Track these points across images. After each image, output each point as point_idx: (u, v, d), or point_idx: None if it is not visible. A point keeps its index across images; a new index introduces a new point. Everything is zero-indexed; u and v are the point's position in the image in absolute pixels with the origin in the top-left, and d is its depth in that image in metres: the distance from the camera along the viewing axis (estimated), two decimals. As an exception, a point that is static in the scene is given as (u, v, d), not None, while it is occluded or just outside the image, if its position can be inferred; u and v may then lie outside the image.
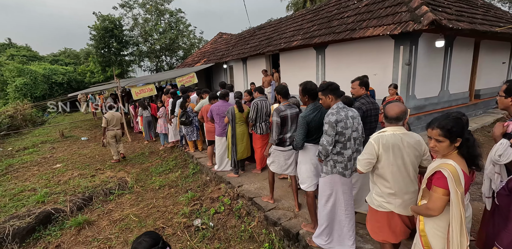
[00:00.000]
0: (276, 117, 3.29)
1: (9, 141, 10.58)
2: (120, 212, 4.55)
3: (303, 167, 2.99)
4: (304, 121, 2.73)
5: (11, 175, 6.49)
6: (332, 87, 2.46)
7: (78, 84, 21.91)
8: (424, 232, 1.77)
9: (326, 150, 2.39)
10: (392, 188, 2.00)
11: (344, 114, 2.39)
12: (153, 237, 1.65)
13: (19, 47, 35.45)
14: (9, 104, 16.39)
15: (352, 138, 2.43)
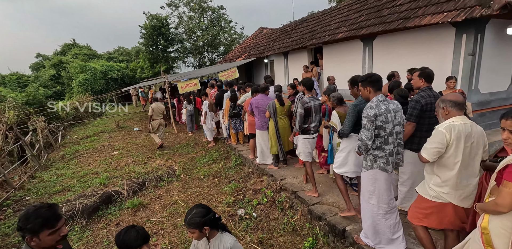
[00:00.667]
0: (300, 109, 3.57)
1: (74, 129, 11.99)
2: (169, 198, 4.90)
3: (343, 154, 3.05)
4: (355, 110, 2.74)
5: (77, 159, 7.37)
6: (372, 79, 2.37)
7: (130, 80, 23.81)
8: (487, 230, 1.64)
9: (366, 145, 2.33)
10: (455, 179, 1.95)
11: (384, 107, 2.29)
12: (205, 208, 1.80)
13: (81, 47, 39.46)
14: (73, 98, 18.49)
15: (394, 132, 2.34)
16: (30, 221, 1.51)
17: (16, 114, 8.49)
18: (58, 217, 1.56)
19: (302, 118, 3.62)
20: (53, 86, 22.32)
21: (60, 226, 1.56)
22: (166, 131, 9.90)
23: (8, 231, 4.18)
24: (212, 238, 1.82)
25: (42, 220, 1.49)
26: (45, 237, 1.50)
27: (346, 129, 2.81)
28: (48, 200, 5.04)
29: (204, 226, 1.71)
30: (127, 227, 1.77)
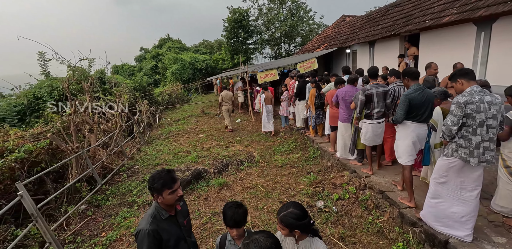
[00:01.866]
0: (361, 96, 3.86)
1: (168, 113, 13.81)
2: (249, 181, 5.20)
3: (401, 142, 3.27)
4: (405, 99, 3.05)
5: (171, 138, 8.49)
6: (461, 72, 2.44)
7: (213, 70, 25.86)
8: None
9: (449, 130, 2.37)
10: None
11: (478, 97, 2.30)
12: (302, 210, 1.66)
13: (174, 41, 44.51)
14: (166, 85, 21.21)
15: (486, 124, 2.29)
16: (155, 182, 1.81)
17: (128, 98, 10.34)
18: (174, 180, 1.84)
19: (363, 104, 3.91)
20: (152, 75, 26.01)
21: (176, 187, 1.83)
22: (244, 119, 10.46)
23: (124, 191, 5.17)
24: (301, 240, 1.75)
25: (162, 181, 1.78)
26: (166, 195, 1.79)
27: (398, 116, 3.12)
28: (152, 169, 6.00)
29: (296, 229, 1.64)
30: (236, 203, 1.92)
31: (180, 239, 1.90)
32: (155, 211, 1.81)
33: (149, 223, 1.73)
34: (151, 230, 1.70)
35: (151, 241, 1.69)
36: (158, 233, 1.72)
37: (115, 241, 3.72)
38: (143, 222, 1.76)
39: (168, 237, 1.79)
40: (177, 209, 1.96)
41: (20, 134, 6.18)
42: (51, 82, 10.88)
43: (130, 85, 13.75)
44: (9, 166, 4.67)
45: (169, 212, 1.86)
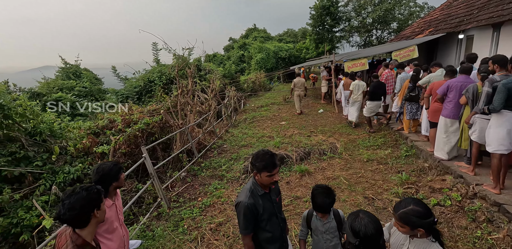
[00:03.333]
0: (488, 88, 3.33)
1: (251, 99, 14.58)
2: (332, 172, 5.12)
3: (493, 130, 3.23)
4: (504, 88, 3.05)
5: (255, 123, 8.99)
6: None
7: (296, 59, 25.70)
8: None
9: None
10: None
11: None
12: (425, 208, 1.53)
13: (259, 30, 45.80)
14: (250, 74, 22.24)
15: None
16: (257, 161, 1.94)
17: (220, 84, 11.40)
18: (275, 166, 1.91)
19: (489, 97, 3.35)
20: (239, 64, 27.62)
21: (274, 172, 1.91)
22: (326, 110, 10.17)
23: (215, 166, 5.83)
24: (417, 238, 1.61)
25: (264, 163, 1.89)
26: (264, 177, 1.91)
27: (496, 105, 3.10)
28: (238, 150, 6.55)
29: (419, 227, 1.51)
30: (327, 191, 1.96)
31: (273, 215, 2.05)
32: (252, 186, 1.96)
33: (248, 197, 1.89)
34: (249, 203, 1.86)
35: (248, 213, 1.86)
36: (255, 207, 1.89)
37: (209, 206, 4.28)
38: (243, 194, 1.93)
39: (263, 212, 1.95)
40: (271, 187, 2.11)
41: (140, 109, 7.60)
42: (161, 68, 12.84)
43: (221, 72, 15.01)
44: (134, 134, 5.85)
45: (264, 189, 2.00)
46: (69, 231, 1.60)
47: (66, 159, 5.16)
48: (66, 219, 1.50)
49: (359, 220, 1.49)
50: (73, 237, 1.54)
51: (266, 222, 1.97)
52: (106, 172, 2.10)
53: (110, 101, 11.89)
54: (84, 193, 1.55)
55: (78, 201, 1.51)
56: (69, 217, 1.49)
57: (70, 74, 13.35)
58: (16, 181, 4.60)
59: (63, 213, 1.48)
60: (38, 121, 5.22)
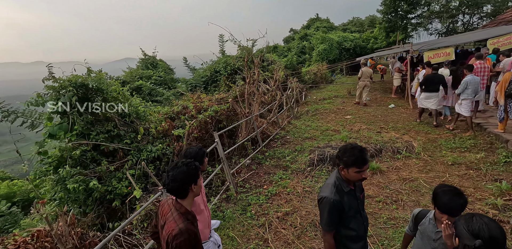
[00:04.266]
0: None
1: (313, 92, 14.15)
2: (408, 173, 4.64)
3: None
4: None
5: (318, 116, 8.70)
6: None
7: (361, 50, 23.89)
8: None
9: None
10: None
11: None
12: None
13: (322, 20, 43.77)
14: (311, 66, 21.52)
15: None
16: (345, 155, 1.79)
17: (283, 75, 11.33)
18: (366, 161, 1.75)
19: None
20: (300, 56, 26.97)
21: (365, 169, 1.76)
22: (398, 105, 9.26)
23: (279, 156, 5.84)
24: None
25: (354, 159, 1.74)
26: (352, 172, 1.77)
27: None
28: (301, 142, 6.43)
29: None
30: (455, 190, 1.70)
31: (357, 212, 1.91)
32: (336, 182, 1.84)
33: (333, 193, 1.79)
34: (335, 200, 1.76)
35: (333, 210, 1.76)
36: (340, 203, 1.78)
37: (275, 195, 4.32)
38: (326, 190, 1.83)
39: (348, 209, 1.83)
40: (355, 183, 1.96)
41: (208, 97, 8.02)
42: (226, 59, 13.31)
43: (283, 63, 14.86)
44: (204, 120, 6.21)
45: (349, 185, 1.88)
46: (171, 201, 1.75)
47: (149, 139, 5.79)
48: (170, 188, 1.65)
49: (477, 219, 1.34)
50: (176, 206, 1.68)
51: (351, 220, 1.85)
52: (193, 155, 2.23)
53: (181, 89, 12.88)
54: (184, 168, 1.67)
55: (179, 174, 1.64)
56: (172, 187, 1.64)
57: (148, 64, 14.87)
58: (110, 155, 5.35)
59: (167, 183, 1.65)
60: (128, 105, 5.93)
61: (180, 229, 1.53)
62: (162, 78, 13.55)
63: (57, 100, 5.08)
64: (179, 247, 1.49)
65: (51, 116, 5.19)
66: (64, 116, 5.15)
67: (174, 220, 1.59)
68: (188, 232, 1.55)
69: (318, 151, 5.33)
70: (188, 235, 1.53)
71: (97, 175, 4.83)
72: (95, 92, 5.41)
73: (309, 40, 29.08)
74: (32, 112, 5.87)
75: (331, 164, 5.03)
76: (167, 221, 1.63)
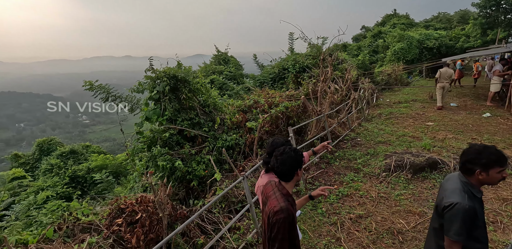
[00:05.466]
0: None
1: (385, 94, 13.15)
2: (510, 192, 3.99)
3: None
4: None
5: (392, 120, 8.07)
6: None
7: (447, 50, 21.05)
8: None
9: None
10: None
11: None
12: None
13: (400, 16, 39.94)
14: (383, 66, 19.91)
15: None
16: (483, 156, 1.64)
17: (356, 74, 10.80)
18: (506, 159, 1.62)
19: None
20: (372, 55, 25.19)
21: (505, 167, 1.63)
22: (496, 115, 7.96)
23: (350, 157, 5.64)
24: None
25: (495, 157, 1.60)
26: (493, 173, 1.62)
27: None
28: (374, 146, 6.08)
29: None
30: None
31: (484, 222, 1.74)
32: (465, 188, 1.70)
33: (466, 198, 1.64)
34: (470, 206, 1.62)
35: (466, 217, 1.62)
36: (474, 210, 1.63)
37: (346, 196, 4.21)
38: (455, 195, 1.68)
39: (480, 217, 1.68)
40: None
41: (278, 93, 8.17)
42: (295, 57, 13.31)
43: (354, 62, 14.14)
44: (275, 115, 6.37)
45: (480, 191, 1.73)
46: (274, 182, 1.90)
47: (224, 129, 6.23)
48: (278, 171, 1.78)
49: None
50: (279, 187, 1.82)
51: (479, 230, 1.69)
52: (278, 145, 2.33)
53: (249, 85, 13.41)
54: (293, 153, 1.78)
55: (288, 158, 1.75)
56: (280, 170, 1.76)
57: (220, 60, 15.85)
58: (191, 140, 5.94)
59: (277, 166, 1.77)
60: (208, 96, 6.47)
61: (281, 207, 1.64)
62: (232, 73, 14.28)
63: (153, 89, 5.86)
64: (277, 222, 1.60)
65: (147, 102, 6.01)
66: (157, 103, 5.89)
67: (276, 199, 1.72)
68: (288, 212, 1.65)
69: (396, 157, 4.97)
70: (288, 214, 1.63)
71: (180, 156, 5.43)
72: (183, 83, 6.03)
73: (384, 38, 26.93)
74: (132, 98, 6.89)
75: (411, 171, 4.64)
76: (269, 199, 1.78)
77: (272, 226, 1.62)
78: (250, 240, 3.23)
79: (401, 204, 3.86)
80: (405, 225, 3.43)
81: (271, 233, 1.63)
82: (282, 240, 1.59)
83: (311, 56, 13.27)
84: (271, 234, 1.63)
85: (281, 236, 1.59)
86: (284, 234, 1.59)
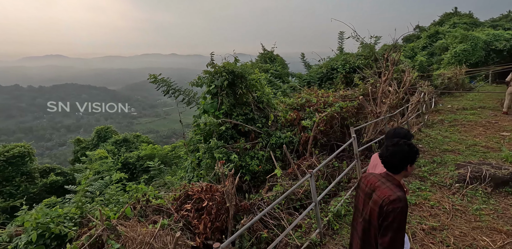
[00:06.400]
0: None
1: (445, 99, 12.05)
2: None
3: None
4: None
5: (458, 127, 7.33)
6: None
7: (521, 53, 18.58)
8: None
9: None
10: None
11: None
12: None
13: (462, 15, 36.36)
14: (442, 69, 18.23)
15: None
16: None
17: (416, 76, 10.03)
18: None
19: None
20: (428, 57, 23.23)
21: None
22: None
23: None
24: None
25: None
26: None
27: None
28: (440, 154, 5.57)
29: None
30: None
31: None
32: None
33: None
34: None
35: None
36: None
37: (414, 205, 3.89)
38: None
39: None
40: None
41: (331, 94, 7.90)
42: (345, 57, 12.80)
43: (410, 64, 13.18)
44: (331, 115, 6.16)
45: None
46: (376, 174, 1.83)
47: (277, 126, 6.19)
48: (386, 161, 1.75)
49: None
50: (388, 177, 1.77)
51: None
52: (402, 136, 2.20)
53: (293, 84, 13.24)
54: (406, 147, 1.72)
55: (400, 152, 1.70)
56: (388, 161, 1.74)
57: (266, 58, 15.89)
58: (244, 135, 6.00)
59: (386, 156, 1.74)
60: (262, 92, 6.49)
61: (399, 196, 1.61)
62: (278, 72, 14.22)
63: (211, 83, 6.04)
64: (394, 212, 1.56)
65: (205, 96, 6.22)
66: (214, 97, 6.06)
67: (390, 188, 1.68)
68: (406, 201, 1.62)
69: (472, 167, 4.47)
70: (405, 204, 1.61)
71: (235, 150, 5.52)
72: (240, 79, 6.11)
73: (442, 38, 24.72)
74: (189, 92, 7.20)
75: (491, 185, 4.13)
76: (377, 189, 1.73)
77: (386, 214, 1.60)
78: (315, 239, 3.13)
79: (482, 220, 3.45)
80: (490, 243, 3.05)
81: (384, 221, 1.61)
82: (397, 229, 1.56)
83: (362, 56, 12.66)
84: (383, 222, 1.60)
85: (396, 225, 1.56)
86: (400, 223, 1.57)
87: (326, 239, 3.22)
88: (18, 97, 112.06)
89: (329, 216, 3.47)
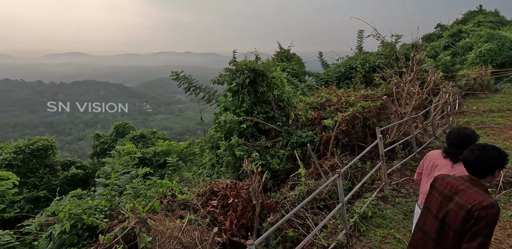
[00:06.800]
0: None
1: (469, 100, 11.60)
2: None
3: None
4: None
5: (486, 130, 7.03)
6: None
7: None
8: None
9: None
10: None
11: None
12: None
13: (487, 13, 34.85)
14: (466, 69, 17.53)
15: None
16: None
17: (441, 77, 9.70)
18: None
19: None
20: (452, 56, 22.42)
21: None
22: None
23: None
24: None
25: None
26: None
27: None
28: (468, 157, 5.35)
29: None
30: None
31: None
32: None
33: None
34: None
35: None
36: None
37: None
38: None
39: None
40: None
41: (352, 93, 7.76)
42: (365, 56, 12.54)
43: (432, 63, 12.75)
44: (353, 114, 6.04)
45: None
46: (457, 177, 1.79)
47: (298, 125, 6.14)
48: (471, 165, 1.70)
49: None
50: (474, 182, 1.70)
51: None
52: (467, 137, 2.11)
53: (310, 84, 13.11)
54: (495, 153, 1.68)
55: (488, 157, 1.65)
56: (474, 165, 1.68)
57: (283, 57, 15.80)
58: (264, 133, 5.99)
59: (471, 160, 1.68)
60: (283, 91, 6.45)
61: (492, 202, 1.57)
62: (295, 71, 14.11)
63: (232, 81, 6.05)
64: (487, 218, 1.54)
65: (226, 93, 6.25)
66: (235, 95, 6.07)
67: (479, 194, 1.63)
68: (498, 208, 1.59)
69: (504, 172, 4.28)
70: (498, 210, 1.58)
71: (255, 148, 5.52)
72: (261, 77, 6.10)
73: (465, 37, 23.79)
74: (210, 89, 7.26)
75: (527, 191, 3.95)
76: (462, 193, 1.67)
77: (476, 220, 1.56)
78: (341, 240, 3.09)
79: (518, 227, 3.29)
80: (527, 251, 2.91)
81: (474, 226, 1.57)
82: (487, 235, 1.55)
83: (383, 55, 12.37)
84: (471, 227, 1.57)
85: (487, 231, 1.55)
86: (490, 229, 1.56)
87: (352, 240, 3.17)
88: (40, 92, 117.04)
89: (355, 217, 3.41)
